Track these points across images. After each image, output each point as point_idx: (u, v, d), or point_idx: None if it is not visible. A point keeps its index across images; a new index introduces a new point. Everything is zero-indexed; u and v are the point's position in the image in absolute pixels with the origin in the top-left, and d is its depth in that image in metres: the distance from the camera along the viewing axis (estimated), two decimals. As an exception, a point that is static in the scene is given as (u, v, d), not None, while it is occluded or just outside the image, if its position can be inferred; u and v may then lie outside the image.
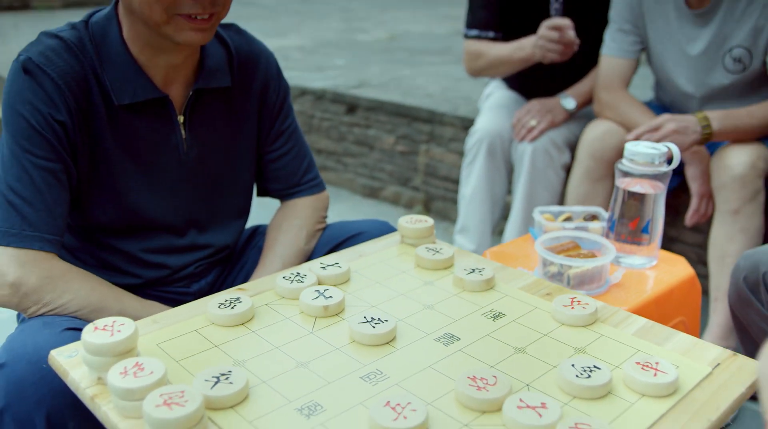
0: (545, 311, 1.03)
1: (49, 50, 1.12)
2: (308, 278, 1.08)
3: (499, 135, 2.21)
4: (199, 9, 1.09)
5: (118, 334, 0.85)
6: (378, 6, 8.51)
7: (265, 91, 1.37)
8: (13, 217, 1.08)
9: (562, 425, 0.74)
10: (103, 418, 0.81)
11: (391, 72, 3.88)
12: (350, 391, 0.83)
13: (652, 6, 1.98)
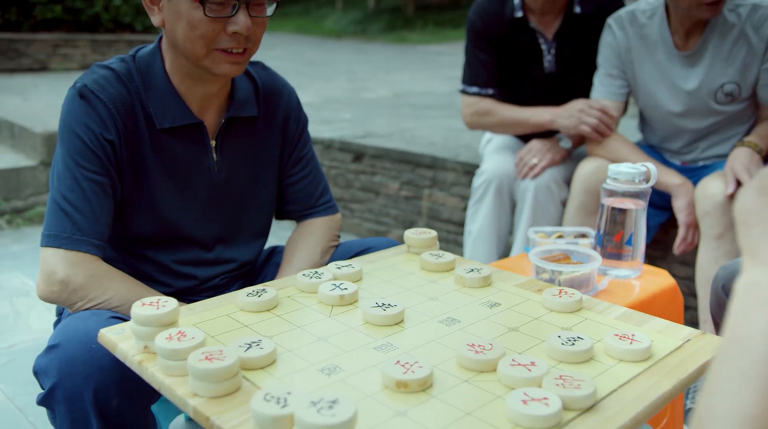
0: (536, 301, 1.16)
1: (102, 79, 1.29)
2: (325, 276, 1.22)
3: (506, 175, 2.36)
4: (234, 44, 1.26)
5: (163, 309, 0.98)
6: (381, 69, 8.85)
7: (286, 121, 1.53)
8: (64, 222, 1.23)
9: (548, 377, 0.86)
10: (150, 378, 0.93)
11: (395, 124, 4.08)
12: (365, 357, 0.96)
13: (641, 52, 2.16)
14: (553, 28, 2.35)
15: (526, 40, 2.37)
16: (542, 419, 0.78)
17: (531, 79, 2.43)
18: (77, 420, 1.08)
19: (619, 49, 2.17)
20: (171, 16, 1.26)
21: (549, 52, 2.38)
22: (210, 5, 1.22)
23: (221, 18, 1.24)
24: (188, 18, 1.23)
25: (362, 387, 0.88)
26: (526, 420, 0.78)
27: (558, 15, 2.34)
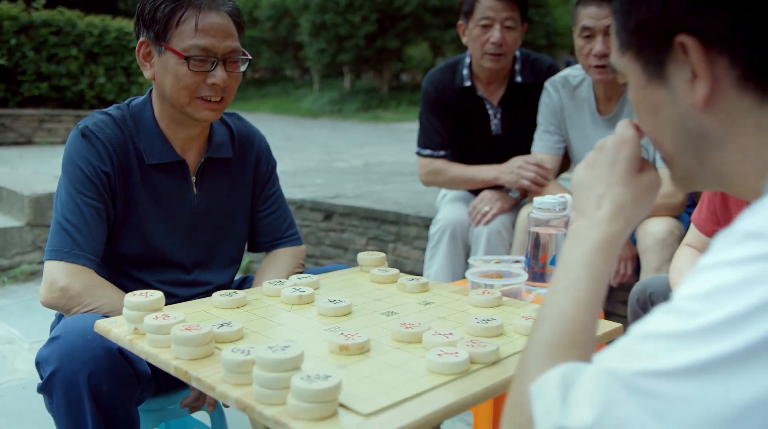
0: (464, 301, 1.39)
1: (101, 122, 1.54)
2: (287, 284, 1.43)
3: (459, 223, 2.61)
4: (213, 93, 1.52)
5: (150, 297, 1.19)
6: (355, 143, 9.23)
7: (257, 164, 1.78)
8: (66, 239, 1.44)
9: (461, 342, 1.08)
10: (139, 351, 1.13)
11: (364, 187, 4.35)
12: (317, 336, 1.17)
13: (572, 113, 2.46)
14: (498, 96, 2.66)
15: (475, 106, 2.67)
16: (451, 366, 1.00)
17: (480, 141, 2.71)
18: (72, 402, 1.26)
19: (555, 109, 2.47)
20: (160, 71, 1.52)
21: (495, 117, 2.68)
22: (193, 61, 1.48)
23: (202, 72, 1.49)
24: (175, 72, 1.49)
25: (312, 352, 1.08)
26: (440, 367, 1.00)
27: (502, 84, 2.65)
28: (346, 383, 0.95)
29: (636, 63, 0.75)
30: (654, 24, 0.70)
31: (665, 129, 0.75)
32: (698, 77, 0.68)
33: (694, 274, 0.59)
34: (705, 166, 0.74)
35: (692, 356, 0.55)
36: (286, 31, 23.44)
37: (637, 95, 0.77)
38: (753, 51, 0.66)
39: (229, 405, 0.96)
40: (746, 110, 0.68)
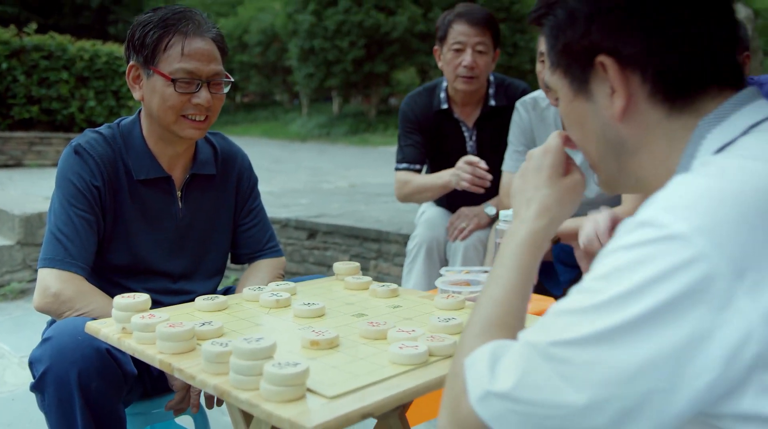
0: (431, 305, 1.49)
1: (93, 140, 1.64)
2: (266, 289, 1.54)
3: (435, 239, 2.72)
4: (197, 112, 1.63)
5: (137, 299, 1.29)
6: (343, 165, 9.36)
7: (239, 180, 1.89)
8: (58, 248, 1.54)
9: (422, 337, 1.19)
10: (126, 348, 1.23)
11: (347, 207, 4.46)
12: (291, 334, 1.27)
13: (541, 133, 2.58)
14: (473, 118, 2.79)
15: (451, 128, 2.80)
16: (411, 357, 1.10)
17: (456, 160, 2.83)
18: (63, 399, 1.35)
19: (525, 129, 2.60)
20: (149, 92, 1.63)
21: (471, 138, 2.81)
22: (179, 84, 1.59)
23: (188, 93, 1.61)
24: (162, 93, 1.60)
25: (285, 348, 1.19)
26: (401, 358, 1.11)
27: (476, 107, 2.78)
28: (315, 372, 1.05)
29: (564, 80, 0.87)
30: (577, 46, 0.82)
31: (590, 138, 0.87)
32: (616, 92, 0.80)
33: (600, 258, 0.70)
34: (624, 171, 0.86)
35: (593, 327, 0.66)
36: (276, 56, 23.70)
37: (566, 108, 0.89)
38: (660, 70, 0.78)
39: (208, 391, 1.06)
40: (656, 121, 0.80)
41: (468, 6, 2.65)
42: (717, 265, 0.62)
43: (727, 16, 0.80)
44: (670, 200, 0.67)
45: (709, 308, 0.62)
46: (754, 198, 0.65)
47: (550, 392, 0.67)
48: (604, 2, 0.79)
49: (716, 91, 0.79)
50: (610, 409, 0.65)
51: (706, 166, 0.71)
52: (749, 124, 0.76)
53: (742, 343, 0.62)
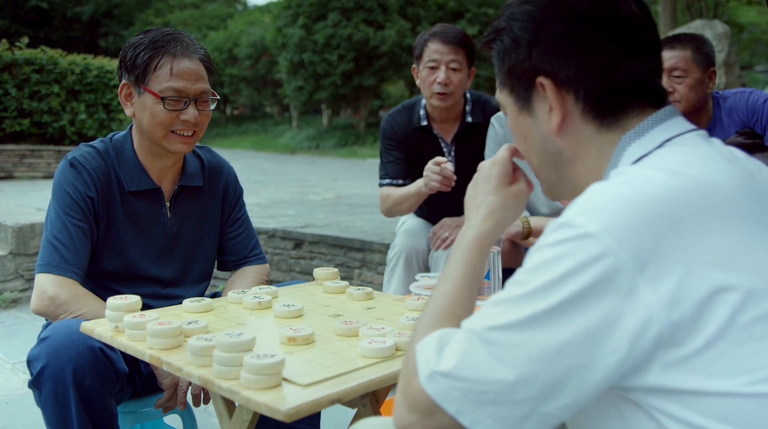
0: (402, 306, 1.61)
1: (87, 154, 1.75)
2: (249, 293, 1.65)
3: (413, 248, 2.83)
4: (185, 128, 1.74)
5: (129, 300, 1.40)
6: (330, 177, 9.48)
7: (226, 191, 2.00)
8: (54, 255, 1.65)
9: (391, 334, 1.30)
10: (118, 345, 1.34)
11: (333, 218, 4.58)
12: (270, 332, 1.38)
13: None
14: (451, 134, 2.91)
15: (431, 144, 2.92)
16: (378, 351, 1.21)
17: None
18: (59, 394, 1.46)
19: (500, 142, 2.72)
20: (140, 109, 1.74)
21: (449, 153, 2.93)
22: (168, 101, 1.71)
23: (176, 110, 1.72)
24: (152, 110, 1.71)
25: (265, 343, 1.30)
26: (369, 352, 1.22)
27: (454, 123, 2.90)
28: (290, 364, 1.16)
29: (510, 98, 0.99)
30: (520, 68, 0.94)
31: (533, 149, 0.99)
32: (553, 109, 0.92)
33: (529, 254, 0.82)
34: (562, 179, 0.98)
35: (520, 314, 0.77)
36: (265, 69, 23.86)
37: (512, 123, 1.01)
38: (590, 91, 0.90)
39: (194, 381, 1.17)
40: (588, 135, 0.92)
41: (443, 26, 2.78)
42: (622, 259, 0.73)
43: (650, 50, 0.92)
44: (584, 205, 0.79)
45: (616, 296, 0.73)
46: (653, 203, 0.76)
47: (485, 371, 0.78)
48: (543, 32, 0.91)
49: (639, 109, 0.91)
50: (536, 384, 0.76)
51: (619, 175, 0.83)
52: (665, 139, 0.88)
53: (645, 326, 0.73)
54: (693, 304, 0.73)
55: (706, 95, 2.42)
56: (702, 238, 0.75)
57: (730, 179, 0.81)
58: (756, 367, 0.74)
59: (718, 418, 0.73)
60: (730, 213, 0.78)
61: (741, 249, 0.76)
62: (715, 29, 6.51)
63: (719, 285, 0.74)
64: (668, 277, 0.73)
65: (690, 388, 0.74)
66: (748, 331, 0.74)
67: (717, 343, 0.73)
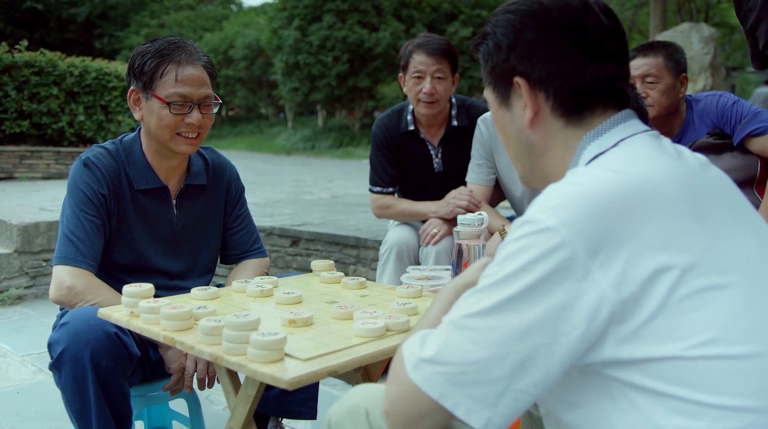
0: (393, 294, 1.74)
1: (99, 154, 1.89)
2: (252, 282, 1.78)
3: (404, 243, 2.97)
4: (189, 130, 1.87)
5: (143, 287, 1.53)
6: (325, 177, 9.61)
7: (228, 188, 2.13)
8: (70, 248, 1.78)
9: (382, 317, 1.43)
10: (136, 328, 1.47)
11: (328, 216, 4.71)
12: (273, 316, 1.51)
13: (500, 148, 2.84)
14: (438, 137, 3.04)
15: (419, 147, 3.06)
16: (371, 330, 1.35)
17: (424, 177, 3.10)
18: (78, 376, 1.58)
19: (485, 143, 2.86)
20: (147, 113, 1.87)
21: (437, 156, 3.07)
22: (174, 106, 1.83)
23: (181, 114, 1.85)
24: (159, 114, 1.84)
25: (268, 325, 1.43)
26: (362, 332, 1.35)
27: (441, 127, 3.04)
28: (291, 342, 1.29)
29: (492, 94, 1.12)
30: (501, 68, 1.08)
31: (510, 141, 1.13)
32: (527, 106, 1.06)
33: (499, 249, 0.95)
34: (534, 168, 1.12)
35: (490, 301, 0.89)
36: (261, 70, 23.97)
37: (494, 116, 1.15)
38: (559, 90, 1.04)
39: (204, 357, 1.30)
40: (557, 130, 1.06)
41: (427, 37, 2.92)
42: (576, 248, 0.85)
43: (616, 56, 1.05)
44: (543, 203, 0.92)
45: (573, 280, 0.85)
46: (600, 199, 0.89)
47: (462, 353, 0.89)
48: (520, 38, 1.05)
49: (602, 109, 1.04)
50: (509, 362, 0.87)
51: (573, 175, 0.96)
52: (619, 139, 1.01)
53: (599, 304, 0.85)
54: (638, 283, 0.85)
55: (678, 100, 2.56)
56: (643, 225, 0.87)
57: (669, 174, 0.93)
58: (692, 333, 0.85)
59: (668, 380, 0.85)
60: (667, 203, 0.90)
61: (677, 234, 0.88)
62: (701, 32, 6.67)
63: (659, 265, 0.85)
64: (616, 262, 0.85)
65: (640, 356, 0.85)
66: (683, 304, 0.85)
67: (659, 316, 0.85)
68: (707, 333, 0.85)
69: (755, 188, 2.39)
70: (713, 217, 0.93)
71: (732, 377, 0.85)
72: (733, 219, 0.95)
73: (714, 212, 0.93)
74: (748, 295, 0.88)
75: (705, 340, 0.85)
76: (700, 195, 0.95)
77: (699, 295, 0.86)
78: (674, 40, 7.06)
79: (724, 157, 2.42)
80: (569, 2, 1.04)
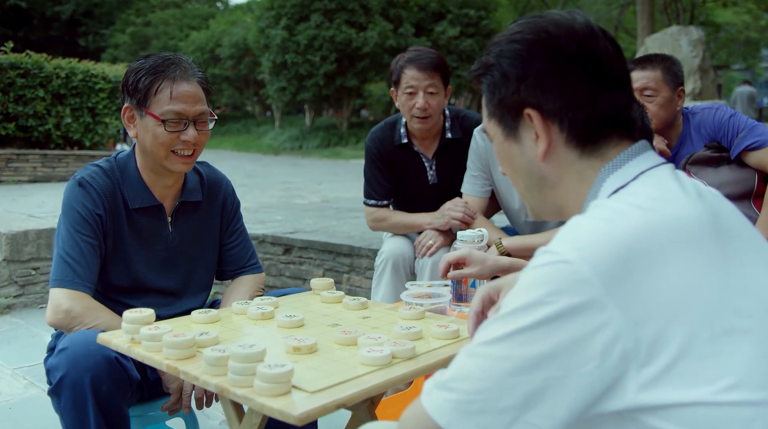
0: (396, 316, 1.73)
1: (94, 173, 1.86)
2: (252, 304, 1.76)
3: (401, 255, 2.96)
4: (185, 148, 1.85)
5: (144, 313, 1.51)
6: (314, 180, 9.58)
7: (224, 204, 2.11)
8: (67, 270, 1.75)
9: (387, 343, 1.42)
10: (137, 355, 1.44)
11: (320, 223, 4.69)
12: (276, 341, 1.50)
13: (496, 161, 2.84)
14: (432, 150, 3.03)
15: (413, 160, 3.04)
16: (377, 359, 1.33)
17: (419, 189, 3.09)
18: (78, 401, 1.56)
19: (481, 154, 2.85)
20: (142, 130, 1.85)
21: (431, 168, 3.05)
22: (169, 124, 1.81)
23: (176, 131, 1.82)
24: (153, 132, 1.82)
25: (272, 353, 1.41)
26: (368, 360, 1.34)
27: (435, 140, 3.02)
28: (297, 371, 1.28)
29: (498, 127, 1.09)
30: (510, 101, 1.05)
31: (519, 174, 1.11)
32: (539, 138, 1.03)
33: (520, 275, 0.94)
34: (546, 200, 1.10)
35: (504, 330, 0.89)
36: (247, 69, 23.87)
37: (499, 149, 1.12)
38: (573, 121, 1.02)
39: (210, 390, 1.28)
40: (571, 161, 1.04)
41: (418, 51, 2.90)
42: (595, 285, 0.84)
43: (623, 84, 1.04)
44: (566, 236, 0.90)
45: (588, 316, 0.84)
46: (624, 238, 0.88)
47: (472, 381, 0.88)
48: (530, 68, 1.02)
49: (617, 139, 1.03)
50: (518, 393, 0.86)
51: (598, 208, 0.94)
52: (639, 171, 1.00)
53: (613, 341, 0.84)
54: (657, 323, 0.84)
55: (675, 112, 2.57)
56: (665, 267, 0.86)
57: (694, 215, 0.92)
58: (717, 377, 0.84)
59: (694, 426, 0.84)
60: (690, 245, 0.89)
61: (698, 276, 0.87)
62: (690, 35, 6.71)
63: (678, 310, 0.85)
64: (634, 301, 0.84)
65: (666, 401, 0.84)
66: (706, 347, 0.85)
67: (682, 359, 0.84)
68: (731, 377, 0.84)
69: (752, 201, 2.40)
70: (733, 258, 0.92)
71: (752, 423, 0.84)
72: (751, 257, 0.94)
73: (734, 252, 0.93)
74: (766, 338, 0.88)
75: (729, 385, 0.84)
76: (720, 234, 0.94)
77: (721, 338, 0.86)
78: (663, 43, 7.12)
79: (722, 170, 2.43)
80: (574, 29, 1.02)
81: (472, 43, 18.08)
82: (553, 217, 1.14)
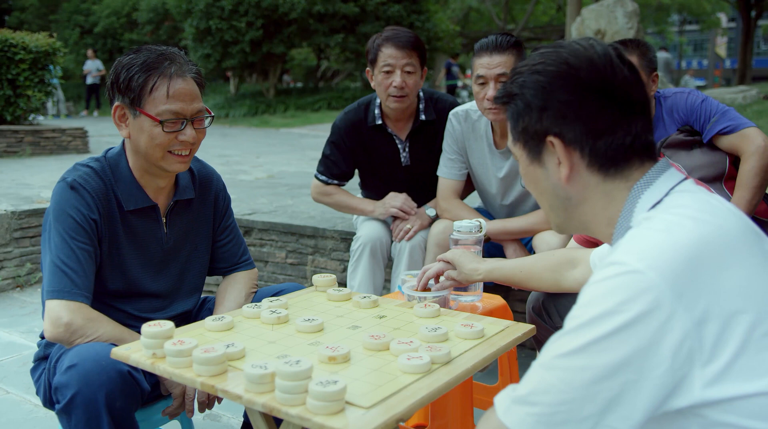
0: (410, 313, 1.72)
1: (85, 175, 1.75)
2: (262, 307, 1.71)
3: (378, 239, 2.94)
4: (183, 148, 1.76)
5: (164, 327, 1.44)
6: (251, 152, 9.37)
7: (216, 200, 2.03)
8: (64, 280, 1.65)
9: (421, 348, 1.41)
10: (161, 372, 1.38)
11: (276, 202, 4.60)
12: (304, 349, 1.46)
13: (472, 143, 2.84)
14: (406, 132, 3.01)
15: (386, 141, 3.02)
16: (419, 367, 1.33)
17: (392, 171, 3.07)
18: (91, 418, 1.49)
19: (457, 138, 2.85)
20: (136, 131, 1.74)
21: (404, 150, 3.03)
22: (167, 124, 1.72)
23: (174, 131, 1.73)
24: (150, 132, 1.72)
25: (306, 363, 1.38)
26: (410, 368, 1.33)
27: (408, 121, 3.00)
28: (343, 385, 1.25)
29: (523, 151, 1.17)
30: (533, 129, 1.12)
31: (544, 194, 1.18)
32: (562, 163, 1.10)
33: (583, 289, 0.96)
34: (571, 218, 1.17)
35: (578, 342, 0.92)
36: (167, 35, 22.93)
37: (524, 171, 1.19)
38: (593, 149, 1.08)
39: (257, 409, 1.24)
40: (595, 184, 1.11)
41: (395, 30, 2.86)
42: (663, 291, 0.90)
43: (642, 109, 1.09)
44: (630, 248, 0.96)
45: (660, 321, 0.90)
46: (686, 246, 0.94)
47: (555, 394, 0.93)
48: (551, 99, 1.09)
49: (638, 163, 1.10)
50: (599, 400, 0.91)
51: (650, 220, 1.01)
52: (669, 187, 1.07)
53: (682, 341, 0.90)
54: (719, 323, 0.91)
55: (649, 98, 2.63)
56: (723, 271, 0.94)
57: (735, 225, 1.01)
58: None
59: (757, 416, 0.91)
60: (738, 250, 0.98)
61: (749, 279, 0.95)
62: (625, 7, 6.88)
63: (736, 308, 0.92)
64: (699, 303, 0.91)
65: (730, 395, 0.91)
66: (762, 341, 0.92)
67: (743, 354, 0.91)
68: None
69: (724, 184, 2.50)
70: None
71: None
72: None
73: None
74: None
75: None
76: (759, 239, 1.03)
77: None
78: (599, 15, 7.26)
79: (695, 153, 2.51)
80: (593, 60, 1.08)
81: (400, 9, 17.92)
82: (577, 232, 1.22)
